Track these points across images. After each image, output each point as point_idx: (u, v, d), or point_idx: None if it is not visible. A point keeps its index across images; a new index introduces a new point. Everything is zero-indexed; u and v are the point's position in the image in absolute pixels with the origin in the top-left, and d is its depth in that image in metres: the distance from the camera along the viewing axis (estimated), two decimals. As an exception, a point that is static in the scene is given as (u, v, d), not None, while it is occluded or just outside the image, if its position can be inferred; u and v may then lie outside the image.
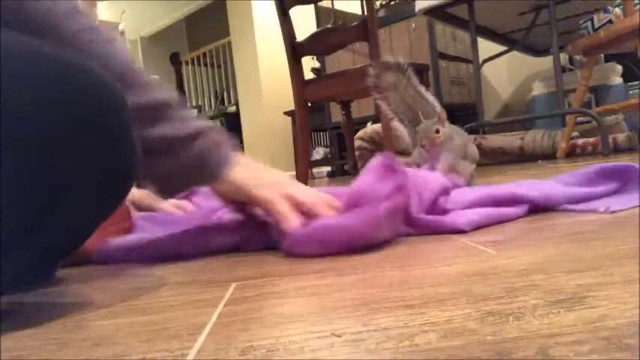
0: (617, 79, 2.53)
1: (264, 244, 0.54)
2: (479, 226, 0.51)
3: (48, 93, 0.30)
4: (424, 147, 0.85)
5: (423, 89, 0.93)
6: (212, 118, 4.52)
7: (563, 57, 2.74)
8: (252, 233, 0.55)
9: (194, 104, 5.05)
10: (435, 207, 0.55)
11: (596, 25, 2.36)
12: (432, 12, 2.13)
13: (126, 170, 0.36)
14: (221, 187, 0.53)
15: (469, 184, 0.88)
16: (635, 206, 0.53)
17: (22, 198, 0.30)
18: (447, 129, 0.86)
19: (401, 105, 0.94)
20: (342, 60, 3.09)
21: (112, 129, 0.34)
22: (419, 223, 0.52)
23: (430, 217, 0.52)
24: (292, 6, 1.70)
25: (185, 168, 0.50)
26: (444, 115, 0.85)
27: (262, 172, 0.54)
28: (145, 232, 0.64)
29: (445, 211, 0.54)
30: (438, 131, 0.84)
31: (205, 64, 5.00)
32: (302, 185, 0.55)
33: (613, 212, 0.51)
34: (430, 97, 0.93)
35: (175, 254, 0.54)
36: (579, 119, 2.12)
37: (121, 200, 0.38)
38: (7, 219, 0.29)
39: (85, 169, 0.32)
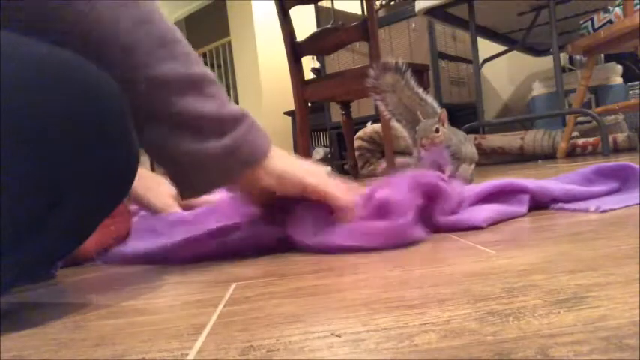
0: (617, 79, 2.53)
1: (276, 240, 0.51)
2: (494, 223, 0.52)
3: (46, 94, 0.30)
4: (424, 147, 0.85)
5: (420, 90, 0.93)
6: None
7: (563, 57, 2.74)
8: (266, 229, 0.52)
9: (194, 104, 5.04)
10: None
11: (596, 25, 2.36)
12: (432, 12, 2.13)
13: (124, 171, 0.36)
14: (264, 179, 0.47)
15: (470, 183, 0.88)
16: (628, 205, 0.53)
17: (22, 199, 0.30)
18: (447, 129, 0.86)
19: (398, 106, 0.94)
20: (342, 60, 3.09)
21: (111, 130, 0.34)
22: (440, 226, 0.53)
23: (449, 218, 0.53)
24: (292, 6, 1.70)
25: (231, 149, 0.44)
26: (444, 115, 0.85)
27: (300, 161, 0.51)
28: (147, 234, 0.63)
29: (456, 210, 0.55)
30: (437, 131, 0.84)
31: (205, 64, 4.99)
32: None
33: (604, 212, 0.51)
34: (429, 99, 0.93)
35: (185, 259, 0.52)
36: (579, 119, 2.12)
37: (120, 201, 0.38)
38: (7, 220, 0.29)
39: (83, 170, 0.32)
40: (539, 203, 0.60)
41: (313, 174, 0.49)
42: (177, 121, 0.43)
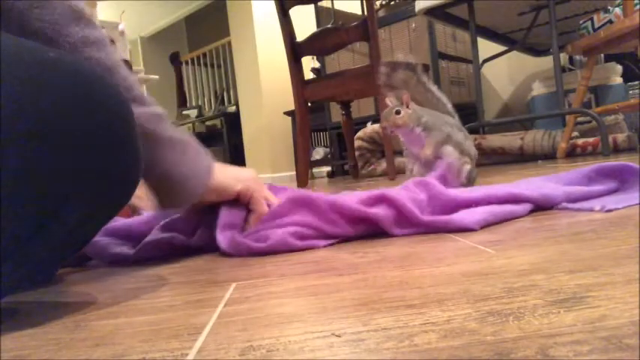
0: (617, 79, 2.53)
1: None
2: (487, 225, 0.52)
3: (53, 96, 0.30)
4: (385, 129, 0.87)
5: (435, 88, 0.94)
6: (212, 118, 4.52)
7: (563, 57, 2.73)
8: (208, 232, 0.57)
9: (194, 104, 5.05)
10: (435, 209, 0.55)
11: (596, 25, 2.36)
12: (432, 12, 2.13)
13: (128, 175, 0.36)
14: (205, 195, 0.53)
15: (471, 182, 0.88)
16: (631, 205, 0.53)
17: (27, 202, 0.30)
18: (415, 111, 0.86)
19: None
20: (342, 60, 3.09)
21: (118, 136, 0.34)
22: (427, 225, 0.52)
23: (438, 218, 0.53)
24: (292, 6, 1.70)
25: (190, 169, 0.50)
26: (406, 96, 0.86)
27: (230, 169, 0.57)
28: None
29: (451, 211, 0.55)
30: (398, 112, 0.85)
31: (205, 64, 5.00)
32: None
33: (609, 211, 0.51)
34: (441, 96, 0.94)
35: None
36: (579, 119, 2.12)
37: (122, 206, 0.38)
38: (12, 223, 0.29)
39: (89, 175, 0.32)
40: (543, 207, 0.59)
41: (241, 180, 0.56)
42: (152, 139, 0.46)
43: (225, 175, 0.55)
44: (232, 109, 4.42)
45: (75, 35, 0.39)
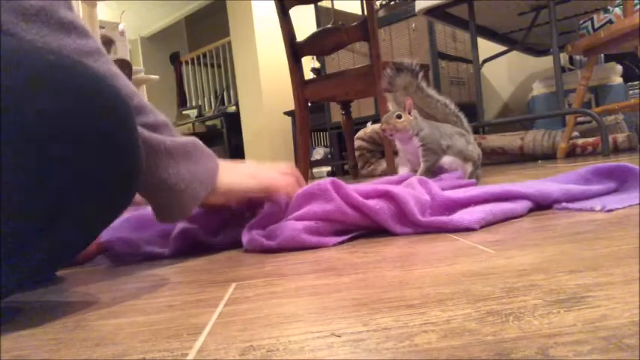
0: (617, 79, 2.53)
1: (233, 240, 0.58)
2: (487, 224, 0.52)
3: (55, 101, 0.30)
4: (385, 132, 0.87)
5: (434, 92, 0.94)
6: (212, 118, 4.52)
7: (563, 57, 2.73)
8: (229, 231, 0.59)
9: (194, 104, 5.05)
10: (436, 209, 0.55)
11: (596, 25, 2.36)
12: (432, 12, 2.13)
13: (130, 178, 0.36)
14: (211, 199, 0.52)
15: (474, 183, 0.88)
16: (631, 205, 0.53)
17: (29, 203, 0.30)
18: (417, 119, 0.87)
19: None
20: (342, 60, 3.08)
21: (120, 138, 0.34)
22: (425, 225, 0.52)
23: (437, 218, 0.52)
24: (292, 6, 1.70)
25: (195, 175, 0.49)
26: (409, 102, 0.86)
27: (241, 167, 0.56)
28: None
29: (450, 210, 0.55)
30: (399, 117, 0.86)
31: (205, 64, 5.00)
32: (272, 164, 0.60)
33: (609, 211, 0.51)
34: (443, 99, 0.94)
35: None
36: (579, 119, 2.12)
37: (124, 208, 0.38)
38: (13, 224, 0.29)
39: (91, 177, 0.32)
40: (541, 206, 0.59)
41: (254, 177, 0.55)
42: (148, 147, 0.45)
43: (235, 176, 0.54)
44: (232, 109, 4.42)
45: (68, 47, 0.39)
